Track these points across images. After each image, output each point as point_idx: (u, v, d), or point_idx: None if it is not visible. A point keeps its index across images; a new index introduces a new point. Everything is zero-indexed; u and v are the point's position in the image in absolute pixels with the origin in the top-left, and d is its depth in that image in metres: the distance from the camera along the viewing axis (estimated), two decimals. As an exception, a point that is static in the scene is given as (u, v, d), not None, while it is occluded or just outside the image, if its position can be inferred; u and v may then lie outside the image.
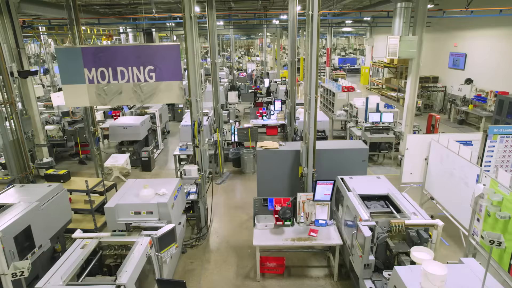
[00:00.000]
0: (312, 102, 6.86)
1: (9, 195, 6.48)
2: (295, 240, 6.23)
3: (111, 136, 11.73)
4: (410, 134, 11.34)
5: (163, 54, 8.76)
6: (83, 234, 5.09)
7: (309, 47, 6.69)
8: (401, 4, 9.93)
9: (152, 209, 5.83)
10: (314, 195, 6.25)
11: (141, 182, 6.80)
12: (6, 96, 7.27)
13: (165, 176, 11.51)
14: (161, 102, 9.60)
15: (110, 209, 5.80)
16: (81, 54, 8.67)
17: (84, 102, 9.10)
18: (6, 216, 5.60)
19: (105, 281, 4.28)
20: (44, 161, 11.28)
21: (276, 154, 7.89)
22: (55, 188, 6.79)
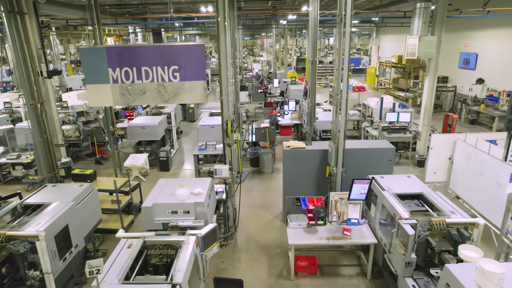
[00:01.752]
0: (344, 102, 6.90)
1: (43, 195, 6.50)
2: (330, 239, 6.27)
3: (129, 136, 11.74)
4: (427, 133, 11.42)
5: (187, 54, 8.80)
6: (127, 234, 5.11)
7: (341, 47, 6.73)
8: (420, 4, 9.97)
9: (189, 208, 5.86)
10: (350, 194, 6.28)
11: (174, 181, 6.81)
12: (37, 95, 7.26)
13: (183, 176, 11.54)
14: (184, 102, 9.64)
15: (147, 208, 5.81)
16: (106, 53, 8.68)
17: (108, 102, 9.11)
18: (45, 216, 5.62)
19: (156, 280, 4.31)
20: (62, 161, 11.30)
21: (303, 153, 7.93)
22: (87, 187, 6.82)
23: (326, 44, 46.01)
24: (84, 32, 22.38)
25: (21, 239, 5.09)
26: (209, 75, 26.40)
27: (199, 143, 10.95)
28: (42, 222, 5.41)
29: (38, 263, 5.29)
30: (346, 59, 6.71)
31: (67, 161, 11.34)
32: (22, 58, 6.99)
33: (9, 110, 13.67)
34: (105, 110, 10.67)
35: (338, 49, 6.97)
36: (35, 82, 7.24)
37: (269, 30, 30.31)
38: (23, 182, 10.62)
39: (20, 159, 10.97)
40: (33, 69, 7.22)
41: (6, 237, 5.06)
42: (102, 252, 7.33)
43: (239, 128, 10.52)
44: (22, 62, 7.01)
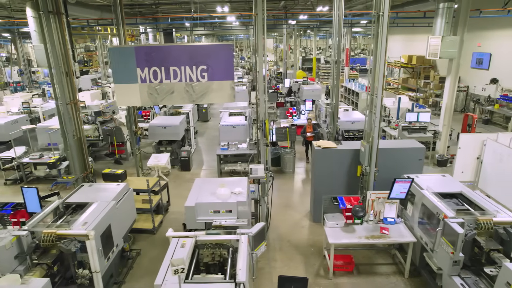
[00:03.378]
0: (378, 102, 6.93)
1: (82, 194, 6.52)
2: (369, 237, 6.31)
3: (150, 136, 11.75)
4: (447, 133, 11.47)
5: (216, 54, 8.82)
6: (177, 233, 5.13)
7: (377, 47, 6.77)
8: (443, 4, 10.02)
9: (232, 207, 5.88)
10: (390, 193, 6.32)
11: (210, 181, 6.84)
12: (72, 95, 7.28)
13: (204, 176, 11.55)
14: (212, 101, 9.66)
15: (190, 208, 5.84)
16: (134, 53, 8.69)
17: (136, 102, 9.13)
18: (90, 215, 5.64)
19: (216, 279, 4.33)
20: (84, 161, 11.29)
21: (334, 153, 7.96)
22: (124, 187, 6.85)
23: (329, 44, 46.11)
24: (100, 32, 22.41)
25: (70, 238, 5.10)
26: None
27: (221, 143, 10.98)
28: (88, 222, 5.43)
29: (86, 262, 5.33)
30: (382, 60, 6.73)
31: (89, 161, 11.33)
32: (60, 58, 6.99)
33: (27, 110, 13.67)
34: (128, 110, 10.69)
35: (374, 50, 7.00)
36: (70, 82, 7.25)
37: (275, 31, 30.32)
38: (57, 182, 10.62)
39: (43, 158, 10.98)
40: (68, 69, 7.24)
41: (56, 236, 5.08)
42: (136, 252, 7.34)
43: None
44: (55, 62, 7.02)
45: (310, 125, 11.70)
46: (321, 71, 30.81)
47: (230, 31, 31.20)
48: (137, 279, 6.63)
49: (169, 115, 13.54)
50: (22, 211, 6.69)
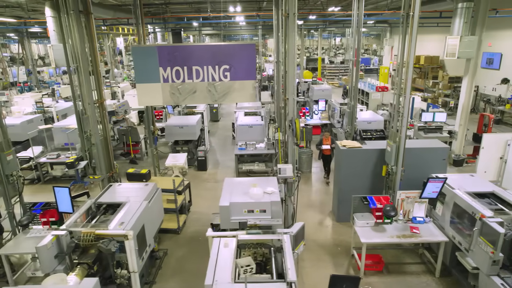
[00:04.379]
0: (406, 102, 6.95)
1: (113, 194, 6.51)
2: (400, 237, 6.32)
3: (166, 136, 11.74)
4: (464, 133, 11.49)
5: (238, 54, 8.82)
6: (219, 233, 5.12)
7: (406, 46, 6.77)
8: (462, 4, 10.03)
9: (266, 207, 5.88)
10: (422, 192, 6.33)
11: (239, 181, 6.84)
12: (98, 95, 7.27)
13: (221, 175, 11.54)
14: (234, 101, 9.67)
15: (224, 208, 5.82)
16: (157, 53, 8.69)
17: (158, 101, 9.12)
18: (125, 215, 5.63)
19: (262, 279, 4.32)
20: (100, 161, 11.27)
21: (359, 153, 7.97)
22: (153, 187, 6.83)
23: (332, 44, 46.16)
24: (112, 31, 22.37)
25: (109, 238, 5.09)
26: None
27: (239, 143, 10.98)
28: (125, 221, 5.42)
29: (123, 262, 5.32)
30: (411, 60, 6.74)
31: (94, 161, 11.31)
32: (88, 57, 6.98)
33: (40, 110, 13.64)
34: (147, 110, 10.68)
35: (401, 50, 7.01)
36: (97, 81, 7.24)
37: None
38: (75, 182, 10.67)
39: (60, 158, 10.96)
40: (96, 68, 7.23)
41: (95, 235, 5.07)
42: (163, 252, 7.33)
43: (280, 128, 10.57)
44: (83, 61, 7.01)
45: (328, 137, 10.40)
46: (327, 71, 30.80)
47: (237, 31, 31.17)
48: (166, 279, 6.63)
49: (183, 115, 13.52)
50: (51, 211, 6.70)
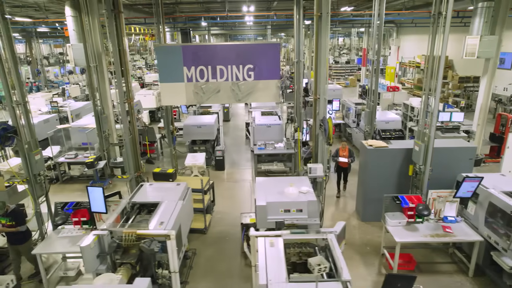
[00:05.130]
0: (436, 101, 6.96)
1: (146, 194, 6.49)
2: (434, 236, 6.32)
3: (184, 135, 11.72)
4: (481, 133, 11.50)
5: (263, 53, 8.82)
6: (259, 233, 5.11)
7: (436, 46, 6.77)
8: (483, 3, 10.05)
9: (302, 207, 5.88)
10: (457, 192, 6.33)
11: (270, 180, 6.84)
12: (128, 95, 7.26)
13: (239, 175, 11.54)
14: (257, 101, 9.65)
15: (262, 207, 5.82)
16: (181, 52, 8.67)
17: (181, 101, 9.12)
18: (163, 215, 5.62)
19: (309, 278, 4.30)
20: (118, 161, 11.28)
21: (386, 152, 7.98)
22: (185, 187, 6.82)
23: (334, 44, 46.14)
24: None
25: (150, 238, 5.08)
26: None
27: (259, 142, 10.97)
28: (165, 221, 5.41)
29: (163, 262, 5.30)
30: (442, 60, 6.73)
31: (123, 160, 11.30)
32: (118, 56, 6.97)
33: (55, 109, 13.60)
34: (166, 110, 10.66)
35: (430, 50, 7.00)
36: (126, 80, 7.23)
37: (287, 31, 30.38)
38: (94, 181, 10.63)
39: (78, 158, 10.94)
40: (125, 67, 7.21)
41: (137, 235, 5.05)
42: (192, 252, 7.32)
43: (300, 127, 10.58)
44: (115, 60, 6.99)
45: (345, 148, 9.37)
46: (333, 71, 30.82)
47: (245, 31, 31.17)
48: (198, 279, 6.61)
49: (198, 115, 13.51)
50: (82, 211, 6.68)
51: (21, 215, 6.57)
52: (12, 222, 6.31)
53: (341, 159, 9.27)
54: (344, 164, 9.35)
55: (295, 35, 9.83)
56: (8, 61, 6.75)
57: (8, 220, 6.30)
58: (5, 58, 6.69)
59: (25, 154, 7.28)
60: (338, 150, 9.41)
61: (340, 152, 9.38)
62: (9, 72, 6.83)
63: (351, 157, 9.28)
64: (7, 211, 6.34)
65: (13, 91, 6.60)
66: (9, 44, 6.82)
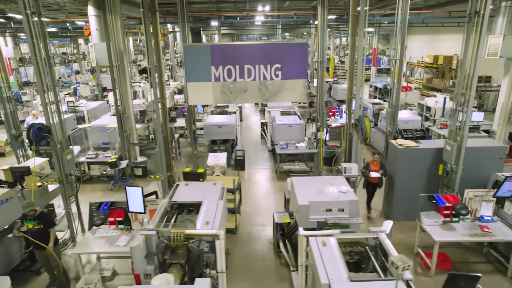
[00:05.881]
0: (471, 101, 6.96)
1: (184, 193, 6.46)
2: (473, 235, 6.32)
3: (205, 135, 11.70)
4: (502, 132, 11.52)
5: (291, 53, 8.81)
6: (308, 232, 5.09)
7: (469, 46, 6.77)
8: (506, 3, 10.07)
9: (344, 206, 5.87)
10: (497, 191, 6.33)
11: (307, 180, 6.83)
12: (161, 94, 7.23)
13: (260, 174, 11.52)
14: (284, 100, 9.64)
15: (304, 206, 5.81)
16: (209, 52, 8.66)
17: (208, 100, 9.10)
18: (207, 215, 5.60)
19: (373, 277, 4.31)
20: (138, 160, 11.24)
21: (416, 152, 7.98)
22: (221, 186, 6.80)
23: (337, 44, 46.13)
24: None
25: (198, 238, 5.05)
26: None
27: (280, 142, 10.95)
28: (210, 221, 5.39)
29: (209, 262, 5.27)
30: (478, 60, 6.73)
31: (144, 160, 11.28)
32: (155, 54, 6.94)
33: (71, 109, 13.56)
34: (188, 110, 10.64)
35: (463, 49, 6.99)
36: (160, 79, 7.20)
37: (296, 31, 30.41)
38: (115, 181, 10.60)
39: (99, 158, 10.90)
40: (159, 65, 7.18)
41: (185, 235, 5.03)
42: (226, 252, 7.28)
43: (322, 127, 10.57)
44: (150, 59, 6.96)
45: (377, 161, 8.36)
46: (339, 71, 30.83)
47: (253, 30, 31.13)
48: (236, 279, 6.59)
49: (215, 114, 13.48)
50: (118, 211, 6.64)
51: (49, 217, 6.40)
52: (40, 226, 6.00)
53: (373, 174, 8.27)
54: (375, 179, 8.45)
55: (319, 34, 9.81)
56: (44, 61, 6.74)
57: (36, 223, 6.00)
58: (41, 58, 6.67)
59: (57, 153, 7.26)
60: (368, 164, 8.40)
61: (371, 166, 8.36)
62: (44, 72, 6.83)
63: (383, 170, 8.37)
64: (35, 214, 6.02)
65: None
66: (45, 44, 6.80)
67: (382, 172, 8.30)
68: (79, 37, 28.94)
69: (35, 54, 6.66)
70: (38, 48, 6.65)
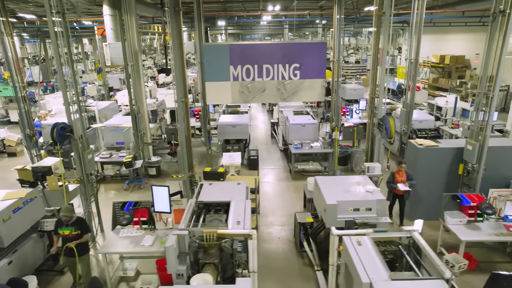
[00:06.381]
0: (494, 101, 6.97)
1: (211, 193, 6.43)
2: (499, 235, 6.32)
3: (219, 135, 11.67)
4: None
5: (310, 52, 8.81)
6: (346, 232, 5.08)
7: (492, 46, 6.77)
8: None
9: (371, 205, 5.86)
10: (524, 191, 6.33)
11: (330, 179, 6.81)
12: (184, 93, 7.21)
13: (273, 174, 11.51)
14: (302, 100, 9.61)
15: (332, 206, 5.79)
16: (228, 51, 8.65)
17: (226, 100, 9.09)
18: (236, 214, 5.57)
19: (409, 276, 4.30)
20: (152, 160, 11.23)
21: (436, 151, 7.98)
22: (245, 186, 6.78)
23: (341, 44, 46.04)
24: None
25: (230, 238, 5.04)
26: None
27: (295, 142, 10.95)
28: (241, 220, 5.38)
29: (241, 262, 5.25)
30: (503, 60, 6.73)
31: (157, 160, 11.27)
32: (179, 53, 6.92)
33: (82, 109, 13.49)
34: (203, 110, 10.62)
35: (487, 49, 6.99)
36: (183, 78, 7.18)
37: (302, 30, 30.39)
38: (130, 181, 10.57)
39: (113, 157, 10.87)
40: (182, 63, 7.17)
41: (217, 235, 5.01)
42: (247, 251, 7.27)
43: (337, 127, 10.55)
44: (175, 58, 6.94)
45: (403, 171, 7.59)
46: (344, 70, 30.84)
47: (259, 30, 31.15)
48: (262, 278, 6.53)
49: (227, 114, 13.46)
50: (142, 210, 6.63)
51: (86, 223, 6.22)
52: (78, 232, 5.87)
53: (401, 186, 7.43)
54: (400, 192, 7.59)
55: (335, 33, 9.80)
56: (68, 61, 6.72)
57: (73, 229, 5.84)
58: (64, 58, 6.66)
59: (79, 153, 7.25)
60: (394, 174, 7.60)
61: (397, 177, 7.57)
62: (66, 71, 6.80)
63: (410, 181, 7.53)
64: (71, 219, 5.85)
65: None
66: (68, 44, 6.79)
67: (410, 184, 7.49)
68: (84, 36, 28.92)
69: (59, 54, 6.65)
70: (61, 48, 6.64)
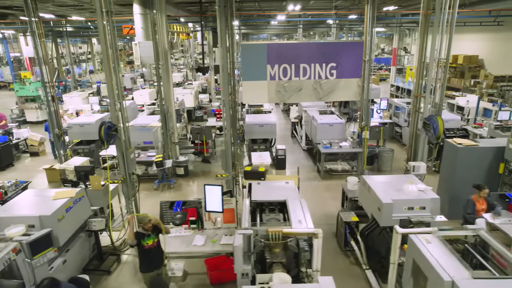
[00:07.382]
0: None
1: (263, 193, 6.42)
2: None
3: (246, 134, 11.65)
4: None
5: (347, 51, 8.84)
6: (412, 230, 5.07)
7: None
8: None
9: (425, 204, 5.87)
10: None
11: (373, 178, 6.83)
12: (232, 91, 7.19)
13: (300, 173, 11.44)
14: (338, 99, 9.62)
15: (387, 205, 5.80)
16: (266, 50, 8.66)
17: (263, 99, 9.10)
18: (295, 213, 5.58)
19: (488, 275, 4.29)
20: (180, 160, 11.20)
21: (475, 150, 8.00)
22: (293, 184, 6.78)
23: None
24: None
25: (295, 237, 5.04)
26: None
27: (324, 141, 10.94)
28: (302, 219, 5.38)
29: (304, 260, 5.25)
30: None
31: (185, 159, 11.25)
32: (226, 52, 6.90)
33: (104, 108, 13.49)
34: (235, 109, 10.58)
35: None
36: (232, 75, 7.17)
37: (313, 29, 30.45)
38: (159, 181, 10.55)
39: (141, 157, 10.83)
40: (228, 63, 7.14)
41: (283, 234, 5.00)
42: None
43: (367, 127, 10.57)
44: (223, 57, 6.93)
45: (482, 197, 6.39)
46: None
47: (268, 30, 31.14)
48: (310, 278, 6.56)
49: (251, 113, 13.43)
50: (191, 210, 6.61)
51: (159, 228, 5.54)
52: (156, 239, 5.43)
53: (489, 218, 6.14)
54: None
55: (366, 32, 9.81)
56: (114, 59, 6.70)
57: (155, 236, 5.38)
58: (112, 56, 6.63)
59: (122, 152, 7.22)
60: (474, 203, 6.34)
61: (478, 206, 6.33)
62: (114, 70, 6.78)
63: (496, 209, 6.23)
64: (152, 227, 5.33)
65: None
66: (114, 42, 6.76)
67: (497, 213, 6.21)
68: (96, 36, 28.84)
69: (107, 52, 6.61)
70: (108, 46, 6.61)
